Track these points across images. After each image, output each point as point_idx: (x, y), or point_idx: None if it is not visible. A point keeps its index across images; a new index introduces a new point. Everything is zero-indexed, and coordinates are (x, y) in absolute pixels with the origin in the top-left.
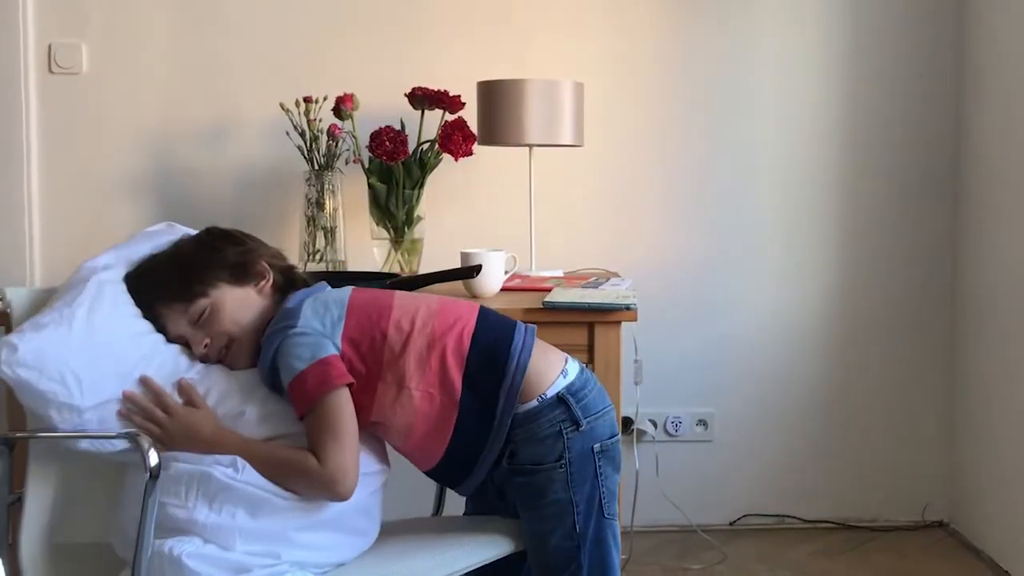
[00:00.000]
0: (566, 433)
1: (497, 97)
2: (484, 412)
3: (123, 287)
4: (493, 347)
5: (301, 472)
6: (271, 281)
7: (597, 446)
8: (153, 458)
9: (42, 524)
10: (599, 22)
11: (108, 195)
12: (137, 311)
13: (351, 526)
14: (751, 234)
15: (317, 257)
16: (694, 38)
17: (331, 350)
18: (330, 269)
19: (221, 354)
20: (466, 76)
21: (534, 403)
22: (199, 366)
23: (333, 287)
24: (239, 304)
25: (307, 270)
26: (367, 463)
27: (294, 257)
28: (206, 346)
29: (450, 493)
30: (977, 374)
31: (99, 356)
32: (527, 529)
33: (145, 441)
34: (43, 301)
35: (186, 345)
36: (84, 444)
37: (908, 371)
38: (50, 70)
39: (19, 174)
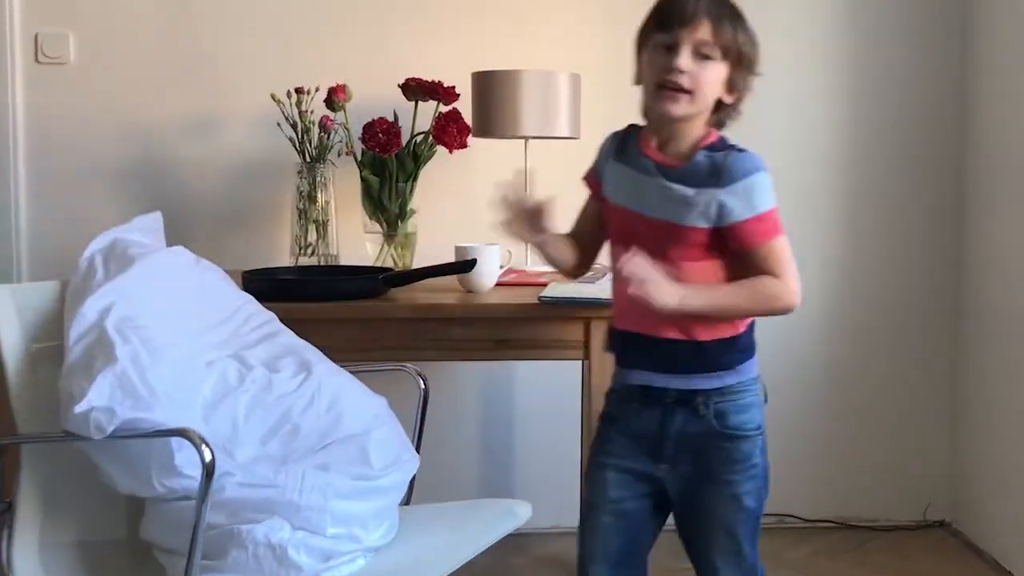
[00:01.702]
0: (761, 407)
1: (492, 88)
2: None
3: (137, 323)
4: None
5: (775, 287)
6: (724, 103)
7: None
8: (207, 454)
9: (33, 530)
10: (595, 14)
11: (96, 186)
12: (175, 342)
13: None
14: None
15: (309, 251)
16: None
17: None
18: (322, 263)
19: (677, 84)
20: (461, 67)
21: (750, 374)
22: (256, 372)
23: (324, 285)
24: (717, 83)
25: (299, 264)
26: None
27: (285, 251)
28: (683, 67)
29: (420, 484)
30: (979, 375)
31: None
32: (723, 498)
33: (196, 436)
34: (25, 299)
35: (667, 55)
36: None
37: (910, 371)
38: (37, 60)
39: (5, 165)
